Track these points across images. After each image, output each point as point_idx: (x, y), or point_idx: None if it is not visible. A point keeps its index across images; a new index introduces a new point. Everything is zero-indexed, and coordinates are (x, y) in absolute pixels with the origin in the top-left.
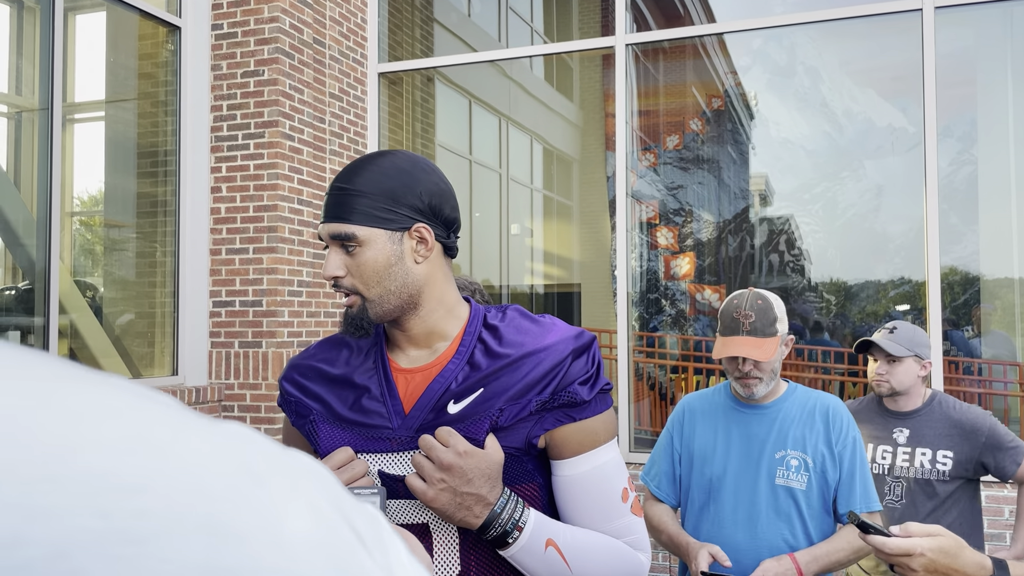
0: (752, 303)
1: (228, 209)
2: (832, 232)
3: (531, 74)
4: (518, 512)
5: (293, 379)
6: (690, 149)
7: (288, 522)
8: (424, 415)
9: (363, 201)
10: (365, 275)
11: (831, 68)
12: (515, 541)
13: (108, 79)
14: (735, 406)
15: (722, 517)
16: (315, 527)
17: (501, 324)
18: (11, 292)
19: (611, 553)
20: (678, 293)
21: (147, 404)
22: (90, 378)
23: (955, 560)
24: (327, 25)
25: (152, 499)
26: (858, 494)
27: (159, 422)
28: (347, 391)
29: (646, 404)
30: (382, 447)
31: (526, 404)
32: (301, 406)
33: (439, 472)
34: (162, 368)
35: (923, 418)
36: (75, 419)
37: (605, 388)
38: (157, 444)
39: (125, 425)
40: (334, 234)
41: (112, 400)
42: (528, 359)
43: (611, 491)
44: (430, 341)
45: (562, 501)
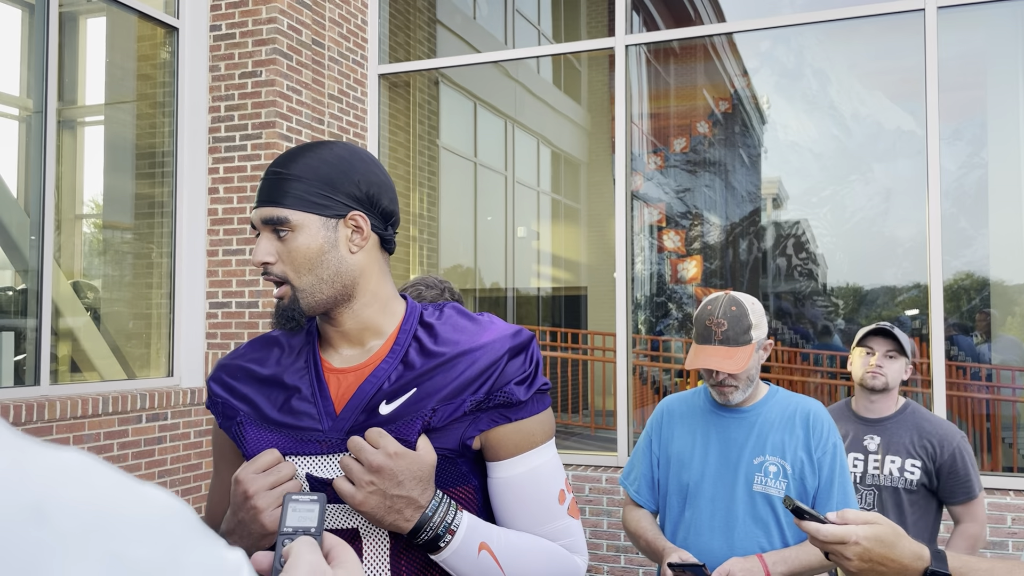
0: (725, 310)
1: (225, 210)
2: (840, 236)
3: (538, 76)
4: (450, 515)
5: (221, 379)
6: (698, 152)
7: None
8: (355, 416)
9: (298, 186)
10: (296, 262)
11: (839, 70)
12: (447, 545)
13: (107, 81)
14: (714, 409)
15: (699, 523)
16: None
17: (437, 322)
18: (8, 293)
19: (546, 556)
20: (685, 296)
21: None
22: None
23: (891, 549)
24: (326, 26)
25: None
26: (835, 501)
27: None
28: (276, 392)
29: (650, 409)
30: (311, 449)
31: (460, 404)
32: (228, 407)
33: (368, 475)
34: (158, 369)
35: (895, 426)
36: None
37: (543, 388)
38: None
39: None
40: (266, 218)
41: None
42: (463, 358)
43: (547, 493)
44: (363, 338)
45: (498, 503)
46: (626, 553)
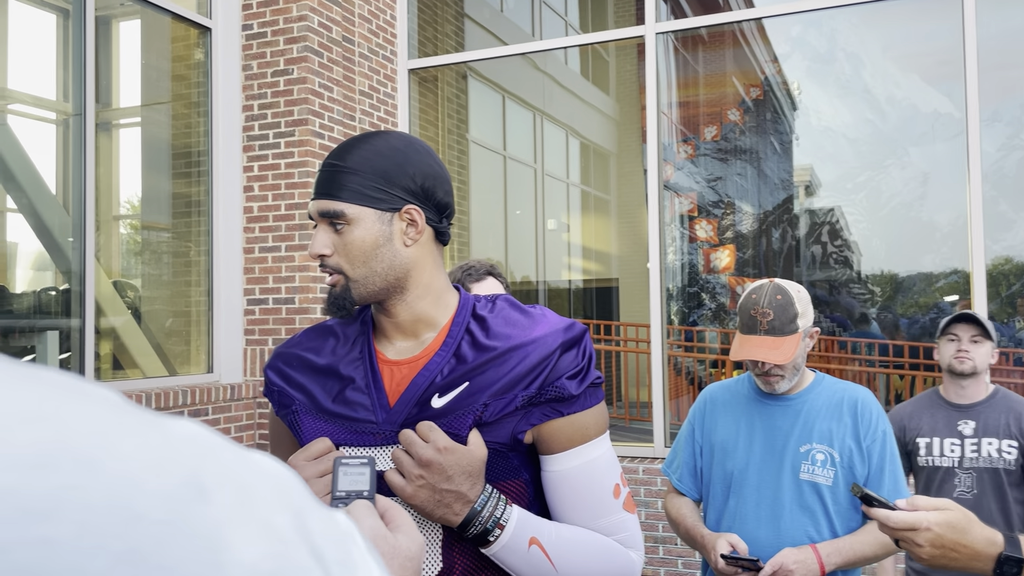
0: (771, 299)
1: (260, 208)
2: (876, 222)
3: (566, 68)
4: (499, 510)
5: (277, 368)
6: (729, 140)
7: (233, 550)
8: (408, 409)
9: (354, 179)
10: (352, 254)
11: (873, 53)
12: (496, 539)
13: (143, 83)
14: (758, 397)
15: (744, 512)
16: (265, 555)
17: (490, 315)
18: (51, 293)
19: (599, 551)
20: (718, 286)
21: (75, 403)
22: (13, 372)
23: (964, 535)
24: (356, 23)
25: (61, 526)
26: (887, 489)
27: (88, 428)
28: (332, 381)
29: (686, 400)
30: (365, 441)
31: (512, 399)
32: (284, 396)
33: (418, 468)
34: (198, 366)
35: (988, 409)
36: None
37: (596, 382)
38: (78, 456)
39: (43, 432)
40: (323, 211)
41: (28, 400)
42: (515, 352)
43: (602, 487)
44: (417, 330)
45: (551, 497)
46: (665, 544)
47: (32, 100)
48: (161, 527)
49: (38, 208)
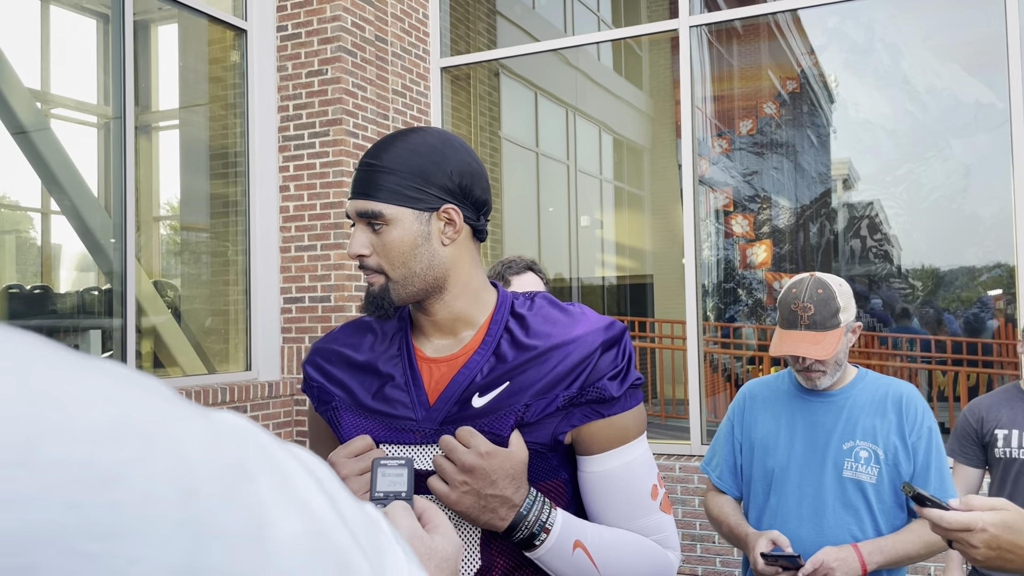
0: (812, 293)
1: (296, 207)
2: (917, 215)
3: (598, 63)
4: (545, 513)
5: (316, 363)
6: (764, 133)
7: (275, 526)
8: (448, 408)
9: (391, 179)
10: (391, 255)
11: (912, 44)
12: (542, 543)
13: (180, 85)
14: (799, 393)
15: (786, 510)
16: (305, 532)
17: (529, 313)
18: (94, 293)
19: (640, 553)
20: (755, 282)
21: (134, 391)
22: (73, 361)
23: (1021, 536)
24: (388, 22)
25: (128, 492)
26: (933, 487)
27: (145, 410)
28: (371, 378)
29: (722, 396)
30: (406, 439)
31: (553, 399)
32: (324, 392)
33: (461, 475)
34: (236, 364)
35: None
36: (53, 404)
37: (636, 383)
38: (140, 434)
39: (107, 412)
40: (361, 211)
41: (96, 385)
42: (555, 352)
43: (640, 488)
44: (456, 329)
45: (589, 498)
46: (703, 542)
47: (74, 104)
48: (214, 501)
49: (81, 210)
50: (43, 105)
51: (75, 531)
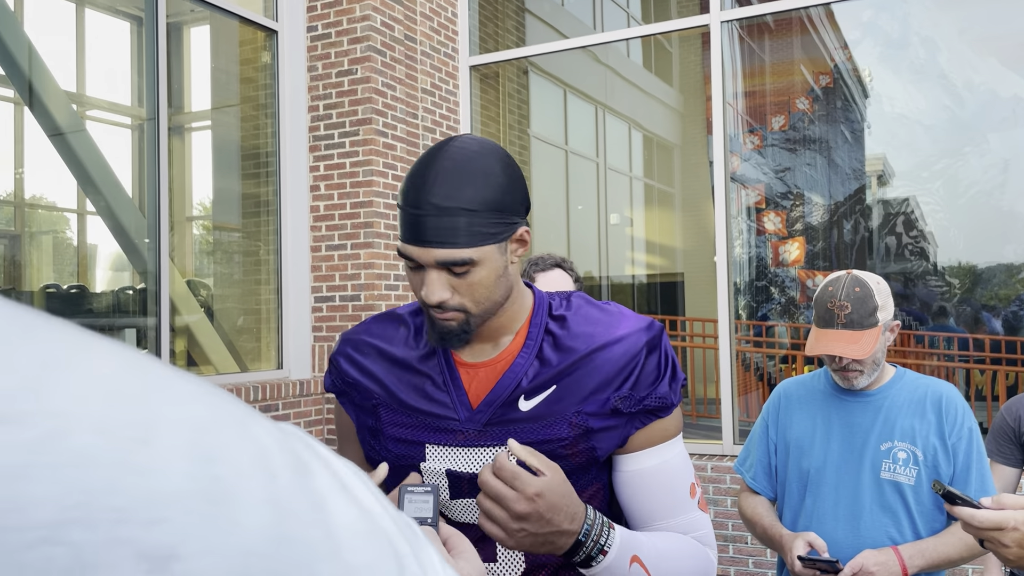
0: (849, 291)
1: (327, 207)
2: (954, 211)
3: (628, 60)
4: (604, 536)
5: (348, 355)
6: (797, 129)
7: (336, 513)
8: (493, 410)
9: (471, 220)
10: (476, 294)
11: (948, 37)
12: (599, 564)
13: (212, 86)
14: (836, 393)
15: (822, 512)
16: (359, 517)
17: (568, 313)
18: (128, 293)
19: (688, 556)
20: (787, 280)
21: (215, 393)
22: (171, 368)
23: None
24: (418, 21)
25: (226, 469)
26: (974, 489)
27: (229, 409)
28: (409, 375)
29: (755, 396)
30: (449, 440)
31: (605, 402)
32: (360, 389)
33: (516, 523)
34: (268, 362)
35: None
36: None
37: (682, 383)
38: (230, 426)
39: (203, 408)
40: (444, 261)
41: (190, 387)
42: (599, 353)
43: (679, 485)
44: (496, 334)
45: (627, 496)
46: (735, 543)
47: (108, 106)
48: (288, 484)
49: (115, 210)
50: (79, 107)
51: (192, 495)
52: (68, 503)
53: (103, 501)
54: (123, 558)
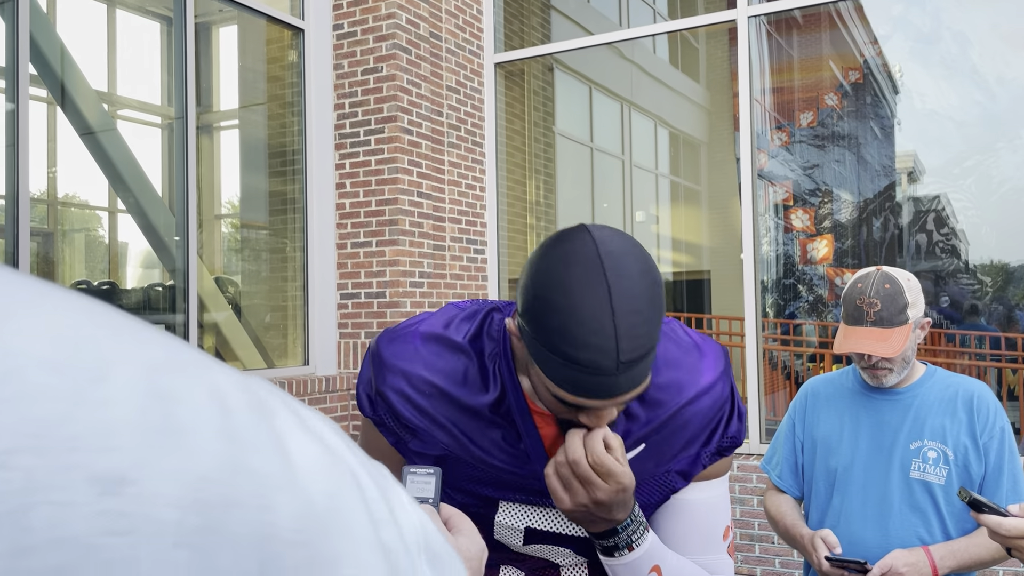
0: (878, 288)
1: (352, 204)
2: (986, 208)
3: (654, 56)
4: (637, 535)
5: (404, 393)
6: (826, 126)
7: (296, 449)
8: None
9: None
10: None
11: (981, 31)
12: (621, 557)
13: (240, 85)
14: (864, 391)
15: (850, 511)
16: (322, 453)
17: None
18: (158, 289)
19: None
20: (815, 278)
21: (180, 345)
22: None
23: None
24: (443, 18)
25: (179, 407)
26: (1006, 490)
27: (189, 357)
28: (481, 424)
29: (782, 395)
30: (526, 497)
31: (695, 459)
32: (423, 437)
33: (588, 502)
34: (295, 359)
35: None
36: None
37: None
38: (187, 370)
39: (159, 353)
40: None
41: (152, 335)
42: (689, 408)
43: (715, 524)
44: None
45: (663, 520)
46: (761, 543)
47: (138, 105)
48: (246, 420)
49: (145, 208)
50: (109, 107)
51: (144, 426)
52: (21, 432)
53: (56, 431)
54: (75, 481)
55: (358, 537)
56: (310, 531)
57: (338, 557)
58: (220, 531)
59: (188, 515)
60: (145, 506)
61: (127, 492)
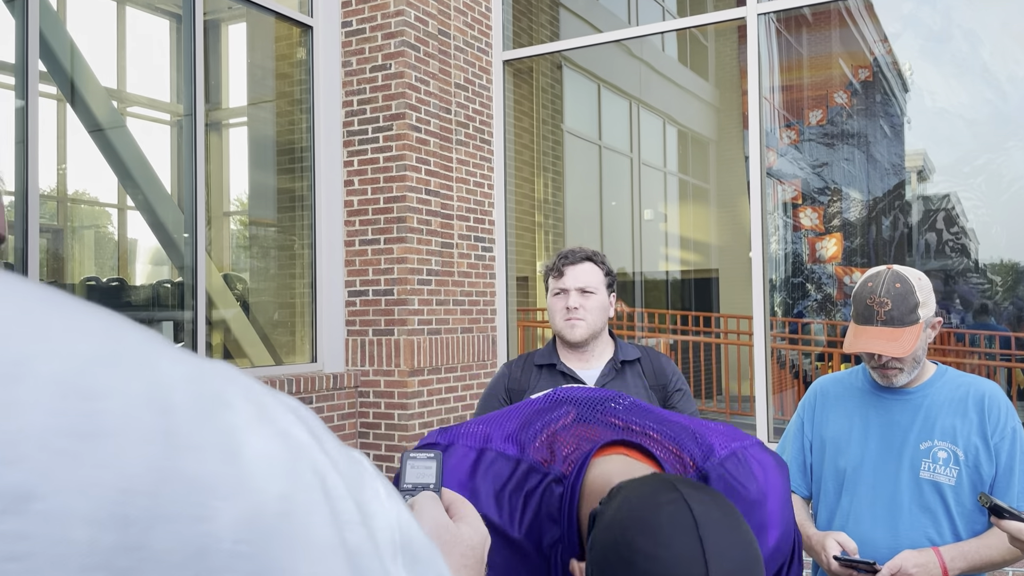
0: (889, 287)
1: (360, 201)
2: (997, 207)
3: (662, 54)
4: None
5: None
6: (835, 124)
7: (251, 444)
8: None
9: None
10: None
11: (992, 30)
12: None
13: (249, 82)
14: (874, 390)
15: (859, 512)
16: (282, 449)
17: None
18: (166, 286)
19: None
20: (824, 276)
21: (133, 333)
22: (83, 305)
23: None
24: (451, 15)
25: (108, 404)
26: (1016, 490)
27: (137, 349)
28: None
29: (790, 394)
30: None
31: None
32: None
33: None
34: (303, 355)
35: None
36: (52, 333)
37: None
38: (127, 363)
39: (102, 344)
40: None
41: (98, 324)
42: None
43: None
44: None
45: None
46: None
47: (147, 102)
48: (188, 419)
49: (154, 205)
50: (119, 104)
51: (58, 431)
52: None
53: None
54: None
55: (316, 542)
56: (257, 540)
57: (290, 566)
58: (143, 549)
59: (103, 533)
60: (50, 525)
61: (31, 510)
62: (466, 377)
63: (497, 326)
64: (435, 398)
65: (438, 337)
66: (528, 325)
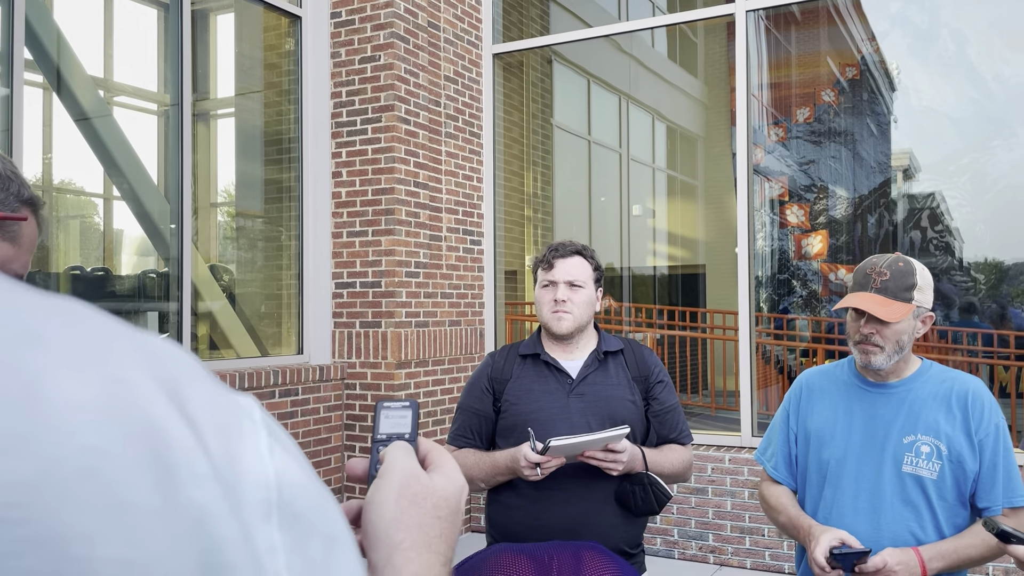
0: (892, 263)
1: (348, 193)
2: (981, 206)
3: (652, 50)
4: None
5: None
6: (822, 122)
7: (58, 389)
8: None
9: None
10: None
11: (979, 29)
12: None
13: (236, 73)
14: (859, 384)
15: (842, 504)
16: (102, 395)
17: None
18: (152, 277)
19: None
20: (809, 273)
21: None
22: None
23: None
24: (441, 7)
25: None
26: (1001, 488)
27: None
28: None
29: (774, 389)
30: None
31: None
32: None
33: None
34: (289, 347)
35: None
36: None
37: None
38: None
39: None
40: None
41: None
42: None
43: None
44: None
45: None
46: (751, 535)
47: (134, 92)
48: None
49: (140, 195)
50: (105, 93)
51: None
52: None
53: None
54: None
55: (132, 503)
56: (35, 504)
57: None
58: None
59: None
60: None
61: None
62: (453, 370)
63: (485, 319)
64: (422, 391)
65: (426, 330)
66: (516, 319)
